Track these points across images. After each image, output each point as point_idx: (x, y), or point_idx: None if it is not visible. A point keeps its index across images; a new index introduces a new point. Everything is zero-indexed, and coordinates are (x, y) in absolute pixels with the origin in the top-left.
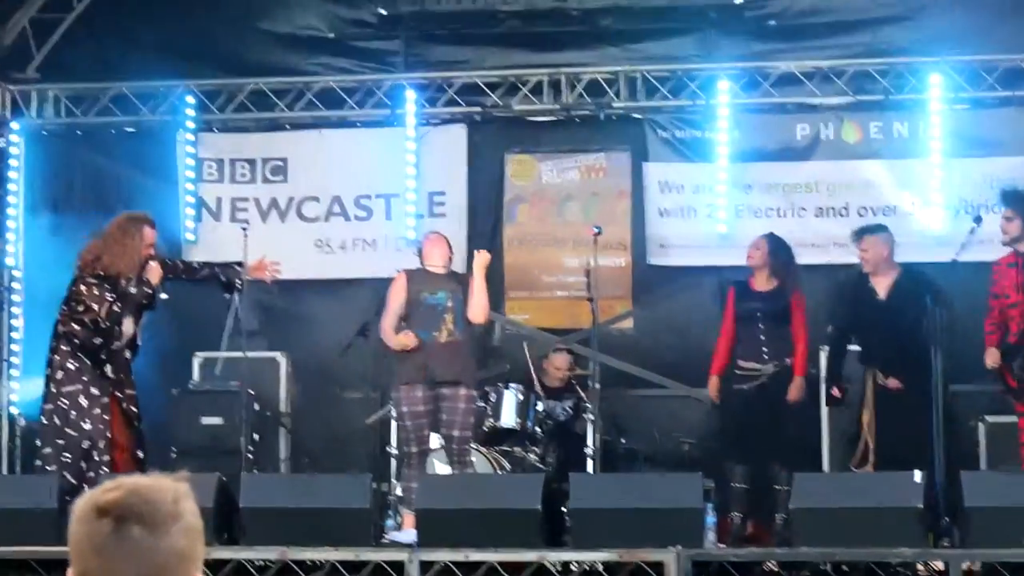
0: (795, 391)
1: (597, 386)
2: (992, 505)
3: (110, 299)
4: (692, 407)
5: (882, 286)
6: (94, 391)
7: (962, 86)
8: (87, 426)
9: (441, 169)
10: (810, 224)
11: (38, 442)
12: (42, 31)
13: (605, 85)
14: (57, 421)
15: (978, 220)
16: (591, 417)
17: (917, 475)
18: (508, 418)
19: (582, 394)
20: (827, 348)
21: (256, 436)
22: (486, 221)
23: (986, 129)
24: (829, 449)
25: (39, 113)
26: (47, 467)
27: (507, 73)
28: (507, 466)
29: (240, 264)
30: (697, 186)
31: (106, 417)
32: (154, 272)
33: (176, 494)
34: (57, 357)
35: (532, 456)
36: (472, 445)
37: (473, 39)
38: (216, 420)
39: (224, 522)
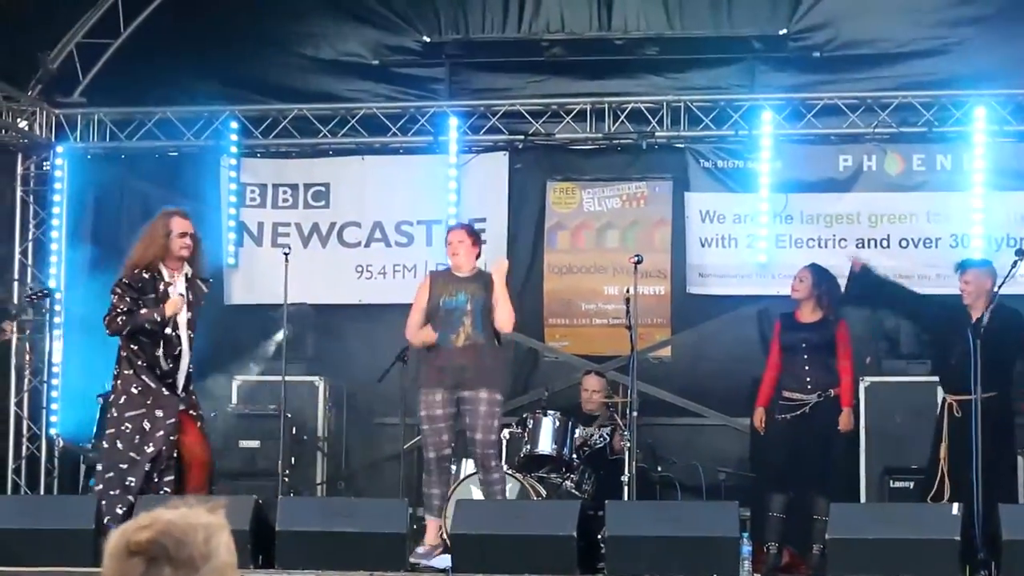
0: (845, 422)
1: (635, 414)
2: None
3: (124, 307)
4: (729, 436)
5: (973, 317)
6: (159, 413)
7: (1006, 119)
8: (150, 449)
9: (482, 196)
10: (851, 255)
11: (99, 466)
12: (88, 56)
13: (648, 114)
14: (120, 445)
15: (1020, 253)
16: (628, 444)
17: (955, 507)
18: (545, 445)
19: (619, 421)
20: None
21: (293, 460)
22: (526, 248)
23: None
24: (867, 479)
25: (83, 137)
26: (111, 491)
27: (550, 101)
28: (543, 493)
29: None
30: (738, 216)
31: (172, 438)
32: (171, 305)
33: (208, 532)
34: (119, 382)
35: (568, 483)
36: (504, 465)
37: (516, 67)
38: (254, 443)
39: (260, 545)
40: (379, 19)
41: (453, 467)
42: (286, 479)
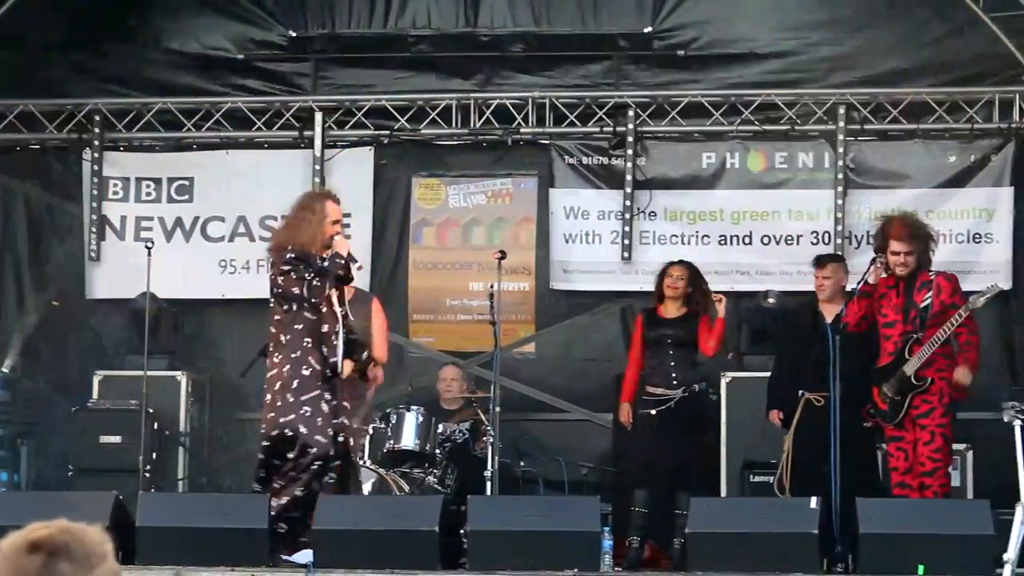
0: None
1: (498, 409)
2: (886, 532)
3: (308, 276)
4: (592, 431)
5: (830, 314)
6: (327, 396)
7: (867, 118)
8: (331, 432)
9: (348, 191)
10: (713, 252)
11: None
12: None
13: (513, 111)
14: (302, 429)
15: (879, 252)
16: (491, 440)
17: (813, 501)
18: (408, 439)
19: (482, 417)
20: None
21: (154, 455)
22: (392, 244)
23: (890, 161)
24: (727, 474)
25: None
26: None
27: (415, 97)
28: (406, 488)
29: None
30: (602, 212)
31: (336, 420)
32: (341, 244)
33: (102, 537)
34: (288, 367)
35: (431, 478)
36: (370, 465)
37: (382, 62)
38: (115, 439)
39: (120, 541)
40: (245, 13)
41: None
42: (147, 475)
